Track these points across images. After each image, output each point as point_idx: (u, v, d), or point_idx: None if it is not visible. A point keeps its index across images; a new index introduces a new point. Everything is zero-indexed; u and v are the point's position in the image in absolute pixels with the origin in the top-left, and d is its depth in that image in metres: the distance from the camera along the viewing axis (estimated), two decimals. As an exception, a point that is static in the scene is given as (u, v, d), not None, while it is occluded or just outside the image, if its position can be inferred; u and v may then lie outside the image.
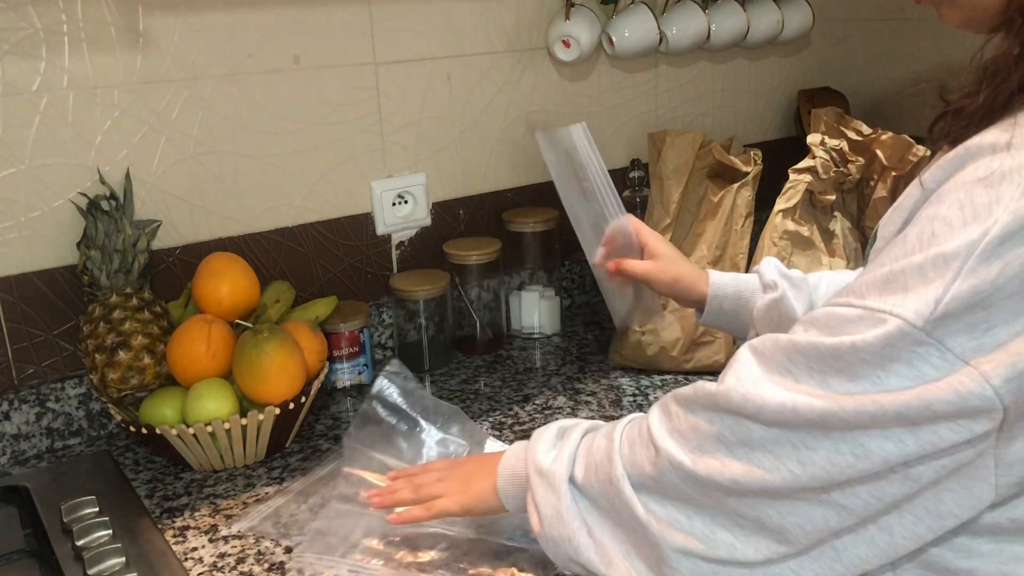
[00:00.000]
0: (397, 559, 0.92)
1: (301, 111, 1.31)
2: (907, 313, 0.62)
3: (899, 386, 0.63)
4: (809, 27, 1.69)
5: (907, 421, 0.63)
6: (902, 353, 0.63)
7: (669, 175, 1.31)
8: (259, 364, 1.08)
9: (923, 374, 0.63)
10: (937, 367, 0.62)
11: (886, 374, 0.64)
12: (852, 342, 0.65)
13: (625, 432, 0.80)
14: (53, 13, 1.12)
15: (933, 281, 0.62)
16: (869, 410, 0.64)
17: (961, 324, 0.62)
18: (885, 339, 0.63)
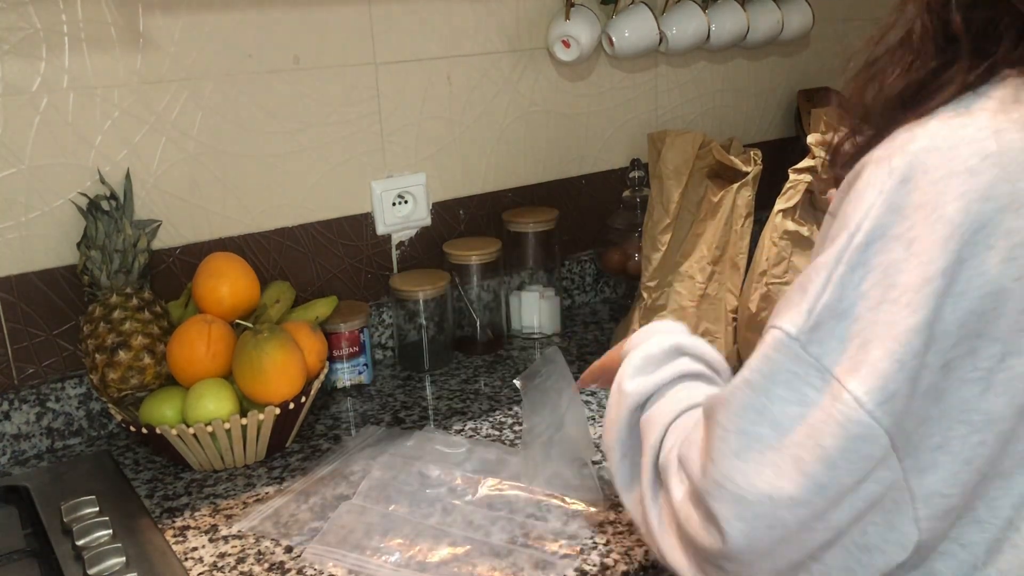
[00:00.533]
0: (399, 558, 0.92)
1: (301, 111, 1.31)
2: (784, 324, 0.62)
3: (784, 417, 0.62)
4: (809, 27, 1.69)
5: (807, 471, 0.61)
6: (781, 371, 0.62)
7: (669, 175, 1.31)
8: (259, 364, 1.08)
9: (805, 397, 0.61)
10: (817, 388, 0.61)
11: (770, 402, 0.62)
12: (744, 376, 0.64)
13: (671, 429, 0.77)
14: (53, 13, 1.12)
15: (808, 292, 0.62)
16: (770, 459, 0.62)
17: (834, 339, 0.61)
18: (763, 353, 0.63)
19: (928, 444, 0.61)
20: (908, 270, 0.59)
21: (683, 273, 1.33)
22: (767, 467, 0.62)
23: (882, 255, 0.60)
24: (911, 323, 0.58)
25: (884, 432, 0.59)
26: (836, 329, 0.60)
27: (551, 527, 0.96)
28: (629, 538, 0.94)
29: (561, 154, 1.58)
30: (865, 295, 0.60)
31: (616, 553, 0.92)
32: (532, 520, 0.98)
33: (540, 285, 1.53)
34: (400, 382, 1.37)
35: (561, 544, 0.93)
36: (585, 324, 1.57)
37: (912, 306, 0.58)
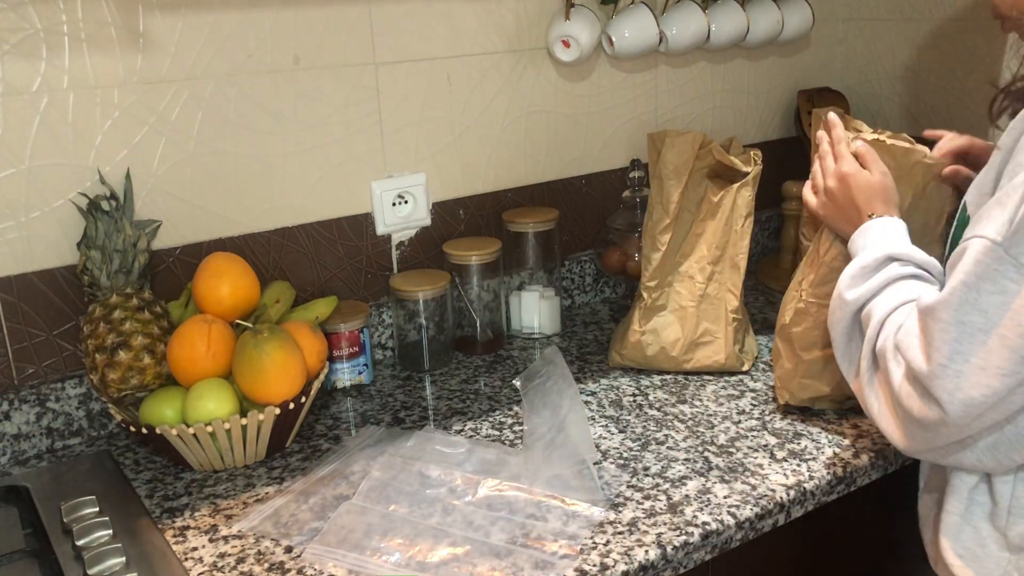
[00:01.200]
0: (399, 558, 0.92)
1: (301, 111, 1.31)
2: (988, 232, 0.78)
3: (991, 305, 0.77)
4: (809, 27, 1.69)
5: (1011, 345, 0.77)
6: (987, 271, 0.77)
7: (669, 175, 1.31)
8: (259, 364, 1.08)
9: (1005, 288, 0.77)
10: (1015, 280, 0.76)
11: (979, 295, 0.78)
12: (959, 279, 0.80)
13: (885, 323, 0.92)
14: (53, 13, 1.12)
15: (1007, 206, 0.77)
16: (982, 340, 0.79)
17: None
18: (972, 258, 0.78)
19: None
20: None
21: (683, 273, 1.33)
22: (979, 346, 0.79)
23: None
24: None
25: None
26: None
27: (551, 527, 0.96)
28: (629, 538, 0.94)
29: (561, 154, 1.58)
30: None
31: (616, 553, 0.92)
32: (532, 520, 0.98)
33: (540, 285, 1.53)
34: (400, 382, 1.37)
35: (561, 544, 0.93)
36: (585, 324, 1.57)
37: None
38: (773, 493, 1.02)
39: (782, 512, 1.02)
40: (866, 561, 1.23)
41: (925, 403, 0.83)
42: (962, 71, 1.69)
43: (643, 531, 0.96)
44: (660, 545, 0.93)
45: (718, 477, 1.06)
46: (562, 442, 1.09)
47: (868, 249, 0.98)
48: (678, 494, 1.02)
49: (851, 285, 0.97)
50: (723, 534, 0.97)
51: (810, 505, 1.05)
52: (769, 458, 1.09)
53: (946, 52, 1.71)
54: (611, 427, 1.18)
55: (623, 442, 1.15)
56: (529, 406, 1.22)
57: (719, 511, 0.99)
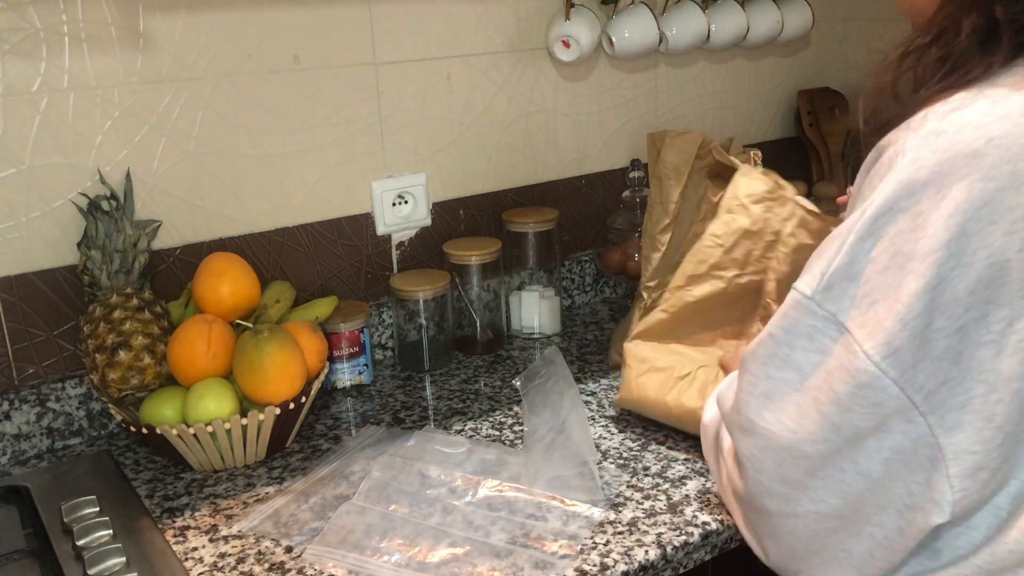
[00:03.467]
0: (399, 558, 0.92)
1: (301, 111, 1.31)
2: (801, 286, 0.72)
3: (806, 363, 0.71)
4: (809, 27, 1.69)
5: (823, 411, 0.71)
6: (802, 326, 0.71)
7: (669, 175, 1.31)
8: (259, 364, 1.08)
9: (823, 346, 0.70)
10: (834, 339, 0.70)
11: (792, 351, 0.72)
12: (768, 331, 0.75)
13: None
14: (53, 13, 1.12)
15: (823, 257, 0.71)
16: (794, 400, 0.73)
17: (847, 298, 0.69)
18: (783, 311, 0.73)
19: (952, 403, 0.67)
20: (913, 240, 0.66)
21: (683, 273, 1.33)
22: (791, 405, 0.73)
23: (891, 225, 0.68)
24: (913, 287, 0.66)
25: (892, 383, 0.67)
26: (848, 289, 0.69)
27: (551, 527, 0.96)
28: (629, 538, 0.94)
29: (561, 154, 1.58)
30: (873, 260, 0.68)
31: (616, 553, 0.92)
32: (532, 520, 0.98)
33: (540, 285, 1.53)
34: (400, 382, 1.37)
35: (561, 544, 0.93)
36: (585, 324, 1.57)
37: (915, 272, 0.66)
38: (773, 493, 1.02)
39: (782, 512, 1.02)
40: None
41: (739, 467, 0.78)
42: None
43: (643, 531, 0.96)
44: (660, 545, 0.93)
45: (718, 477, 1.06)
46: (562, 443, 1.09)
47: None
48: (678, 494, 1.02)
49: (708, 408, 0.94)
50: (723, 534, 0.97)
51: (810, 505, 1.04)
52: (769, 458, 1.09)
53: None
54: (611, 427, 1.18)
55: (623, 442, 1.14)
56: (529, 406, 1.22)
57: (719, 511, 0.99)
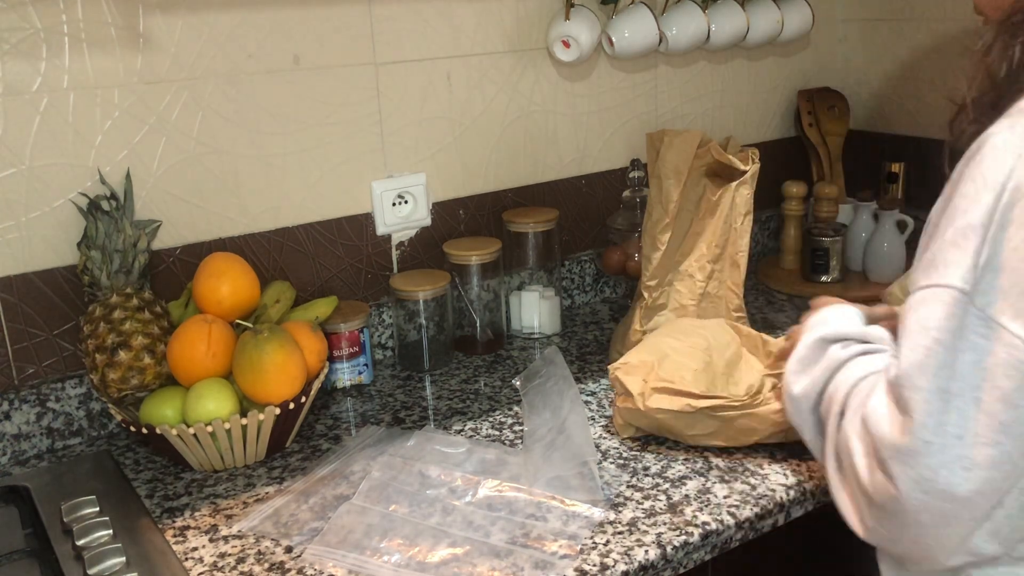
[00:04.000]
0: (399, 558, 0.92)
1: (301, 111, 1.31)
2: (953, 280, 0.70)
3: (963, 365, 0.69)
4: (809, 27, 1.69)
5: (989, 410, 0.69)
6: (960, 326, 0.69)
7: (668, 175, 1.31)
8: (259, 364, 1.08)
9: (975, 345, 0.69)
10: (984, 335, 0.68)
11: (955, 355, 0.69)
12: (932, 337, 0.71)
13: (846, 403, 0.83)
14: (53, 13, 1.12)
15: (966, 249, 0.70)
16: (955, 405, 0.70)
17: (995, 291, 0.68)
18: (943, 312, 0.70)
19: None
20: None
21: (683, 272, 1.33)
22: (954, 413, 0.70)
23: (1018, 210, 0.68)
24: None
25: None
26: (995, 281, 0.68)
27: (551, 527, 0.96)
28: (629, 538, 0.94)
29: (561, 154, 1.58)
30: (1016, 248, 0.68)
31: (616, 553, 0.92)
32: (532, 520, 0.98)
33: (540, 285, 1.53)
34: (400, 382, 1.37)
35: (561, 544, 0.93)
36: (585, 324, 1.57)
37: None
38: (773, 493, 1.02)
39: (782, 512, 1.02)
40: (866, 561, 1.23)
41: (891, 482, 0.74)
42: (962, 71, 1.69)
43: (643, 531, 0.96)
44: (660, 545, 0.93)
45: (718, 477, 1.06)
46: (562, 443, 1.09)
47: (802, 341, 0.93)
48: (678, 494, 1.02)
49: (794, 381, 0.92)
50: (723, 534, 0.97)
51: (810, 505, 1.05)
52: (769, 458, 1.09)
53: (946, 52, 1.71)
54: (611, 427, 1.18)
55: (623, 442, 1.14)
56: (529, 406, 1.22)
57: (719, 511, 0.99)
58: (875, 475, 0.75)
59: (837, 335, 0.90)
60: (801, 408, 0.90)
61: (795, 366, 0.92)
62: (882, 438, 0.74)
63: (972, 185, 0.70)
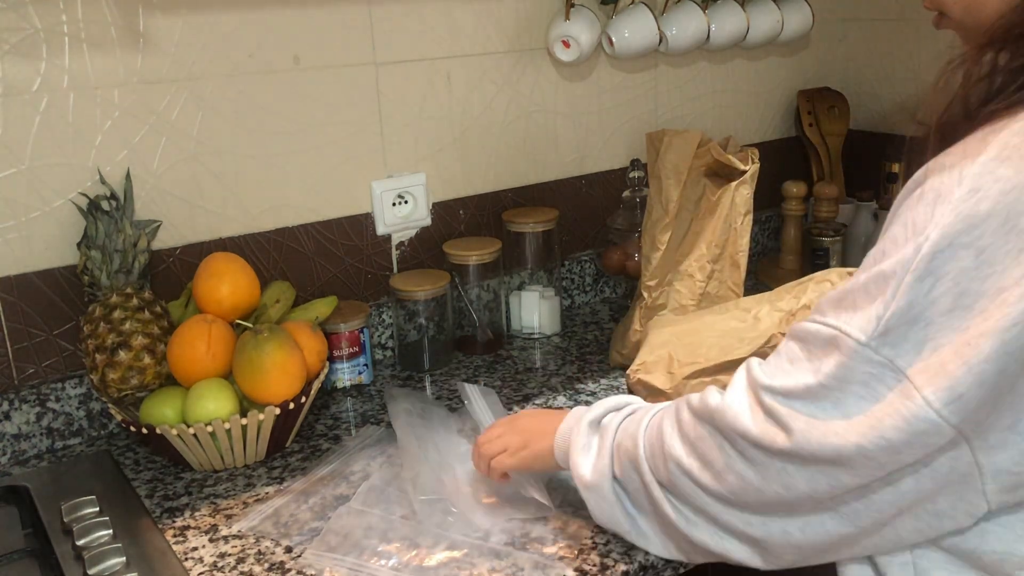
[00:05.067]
0: (396, 561, 0.92)
1: (301, 111, 1.31)
2: (853, 330, 0.65)
3: (857, 411, 0.65)
4: (809, 27, 1.69)
5: (867, 455, 0.65)
6: (857, 373, 0.65)
7: (668, 174, 1.31)
8: (259, 364, 1.08)
9: (878, 394, 0.65)
10: (889, 385, 0.64)
11: (844, 396, 0.66)
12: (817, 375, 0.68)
13: (646, 435, 0.83)
14: (53, 13, 1.12)
15: (875, 298, 0.65)
16: (832, 443, 0.66)
17: (907, 343, 0.63)
18: (839, 361, 0.66)
19: (999, 425, 0.64)
20: (980, 278, 0.61)
21: (683, 272, 1.33)
22: (831, 437, 0.66)
23: (952, 263, 0.62)
24: (983, 328, 0.61)
25: (951, 427, 0.63)
26: (908, 333, 0.64)
27: (550, 528, 0.96)
28: (629, 538, 0.94)
29: (561, 154, 1.58)
30: (935, 301, 0.63)
31: (616, 553, 0.92)
32: (531, 521, 0.98)
33: (540, 285, 1.53)
34: (400, 382, 1.37)
35: (560, 545, 0.93)
36: (585, 324, 1.57)
37: (985, 312, 0.61)
38: (773, 493, 1.02)
39: (782, 512, 1.02)
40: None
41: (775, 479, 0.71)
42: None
43: (643, 531, 0.96)
44: (660, 545, 0.93)
45: (718, 477, 1.05)
46: None
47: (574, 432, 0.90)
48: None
49: (583, 471, 0.87)
50: (723, 534, 0.97)
51: (810, 505, 1.04)
52: (769, 458, 1.09)
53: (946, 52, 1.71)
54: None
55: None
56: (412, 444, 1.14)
57: (719, 511, 0.99)
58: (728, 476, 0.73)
59: (598, 413, 0.90)
60: (603, 492, 0.86)
61: (577, 458, 0.88)
62: (746, 431, 0.71)
63: (901, 229, 0.65)
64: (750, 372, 0.74)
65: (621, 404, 0.91)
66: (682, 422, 0.79)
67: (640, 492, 0.84)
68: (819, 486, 0.69)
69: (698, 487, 0.77)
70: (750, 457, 0.72)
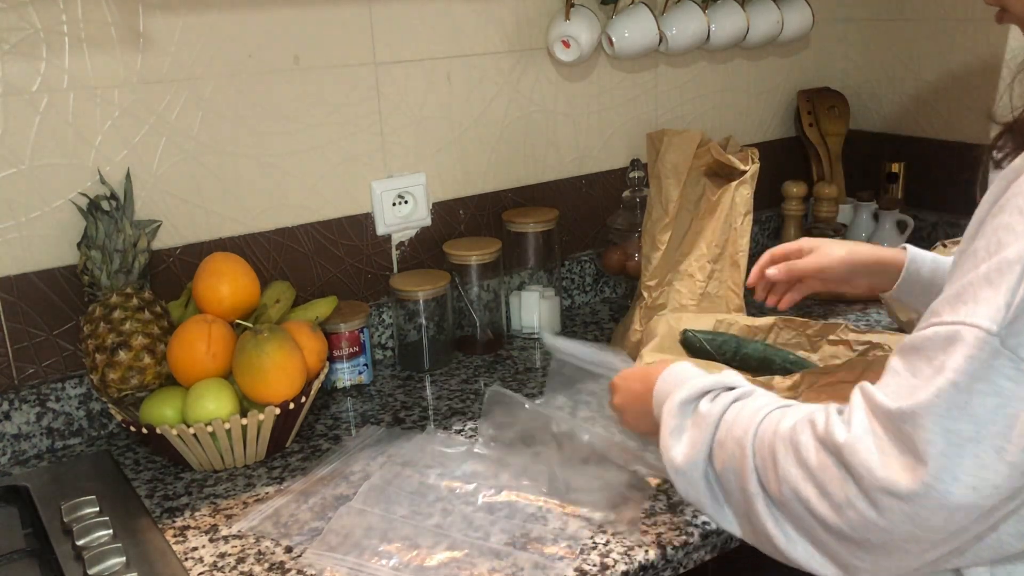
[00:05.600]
0: (397, 561, 0.92)
1: (301, 111, 1.31)
2: (980, 320, 0.63)
3: (982, 409, 0.63)
4: (809, 27, 1.69)
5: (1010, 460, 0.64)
6: (982, 368, 0.63)
7: (668, 174, 1.31)
8: (259, 364, 1.08)
9: (1000, 389, 0.63)
10: (1012, 379, 0.63)
11: (971, 397, 0.63)
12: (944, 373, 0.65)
13: (756, 445, 0.77)
14: (53, 13, 1.12)
15: (1000, 287, 0.63)
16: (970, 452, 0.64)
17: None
18: (964, 353, 0.64)
19: None
20: None
21: (683, 272, 1.33)
22: (968, 459, 0.63)
23: None
24: None
25: None
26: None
27: (550, 528, 0.96)
28: (629, 538, 0.94)
29: (561, 154, 1.58)
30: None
31: (616, 553, 0.92)
32: (531, 521, 0.98)
33: (540, 285, 1.53)
34: (400, 382, 1.37)
35: (560, 545, 0.93)
36: (585, 324, 1.57)
37: None
38: (773, 493, 1.02)
39: (782, 512, 1.02)
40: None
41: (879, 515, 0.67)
42: (962, 71, 1.69)
43: (643, 531, 0.96)
44: (660, 545, 0.93)
45: (718, 477, 1.05)
46: None
47: (664, 411, 0.85)
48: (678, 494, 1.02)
49: (674, 454, 0.83)
50: (723, 534, 0.97)
51: (810, 505, 1.04)
52: (769, 458, 1.09)
53: (946, 52, 1.71)
54: (611, 427, 1.18)
55: (623, 442, 1.14)
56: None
57: (719, 511, 0.99)
58: (848, 512, 0.68)
59: (695, 391, 0.84)
60: (693, 479, 0.82)
61: (668, 440, 0.84)
62: (873, 472, 0.67)
63: (1017, 217, 0.64)
64: (870, 399, 0.69)
65: (714, 387, 0.84)
66: (801, 446, 0.73)
67: (738, 496, 0.79)
68: (957, 517, 0.65)
69: (811, 515, 0.71)
70: (876, 501, 0.67)
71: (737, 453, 0.78)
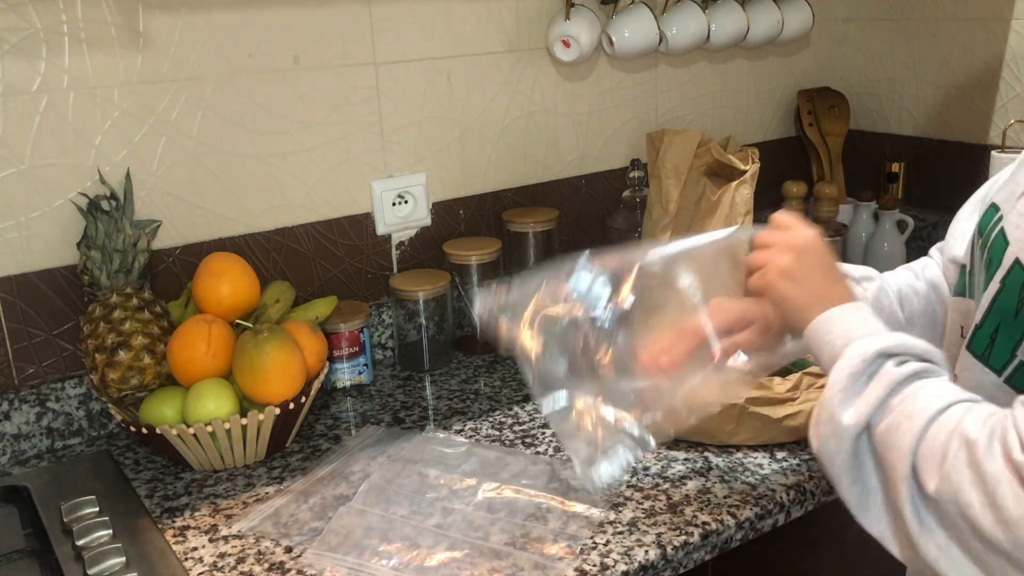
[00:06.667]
0: (397, 561, 0.92)
1: (301, 111, 1.31)
2: None
3: None
4: (809, 27, 1.69)
5: None
6: None
7: (668, 174, 1.31)
8: (259, 364, 1.08)
9: None
10: None
11: None
12: None
13: (932, 432, 0.71)
14: (53, 13, 1.12)
15: None
16: None
17: None
18: None
19: None
20: None
21: (683, 273, 1.33)
22: None
23: None
24: None
25: None
26: None
27: (551, 528, 0.96)
28: (629, 538, 0.94)
29: (561, 154, 1.58)
30: None
31: (616, 553, 0.92)
32: (531, 521, 0.98)
33: (540, 285, 1.52)
34: (400, 382, 1.37)
35: (561, 545, 0.93)
36: (585, 324, 1.56)
37: None
38: (773, 493, 1.02)
39: (782, 512, 1.02)
40: (867, 561, 1.23)
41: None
42: (962, 71, 1.69)
43: (643, 531, 0.96)
44: (660, 545, 0.93)
45: (718, 477, 1.06)
46: None
47: (854, 351, 0.76)
48: (678, 494, 1.02)
49: (844, 401, 0.74)
50: (723, 534, 0.97)
51: (810, 505, 1.05)
52: (769, 458, 1.09)
53: (946, 52, 1.71)
54: (611, 427, 1.18)
55: (623, 442, 1.14)
56: None
57: (719, 511, 0.99)
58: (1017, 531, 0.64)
59: (888, 346, 0.75)
60: (845, 438, 0.74)
61: (845, 380, 0.75)
62: None
63: None
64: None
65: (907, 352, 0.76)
66: (979, 449, 0.67)
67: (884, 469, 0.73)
68: None
69: (964, 519, 0.67)
70: None
71: (904, 427, 0.71)
